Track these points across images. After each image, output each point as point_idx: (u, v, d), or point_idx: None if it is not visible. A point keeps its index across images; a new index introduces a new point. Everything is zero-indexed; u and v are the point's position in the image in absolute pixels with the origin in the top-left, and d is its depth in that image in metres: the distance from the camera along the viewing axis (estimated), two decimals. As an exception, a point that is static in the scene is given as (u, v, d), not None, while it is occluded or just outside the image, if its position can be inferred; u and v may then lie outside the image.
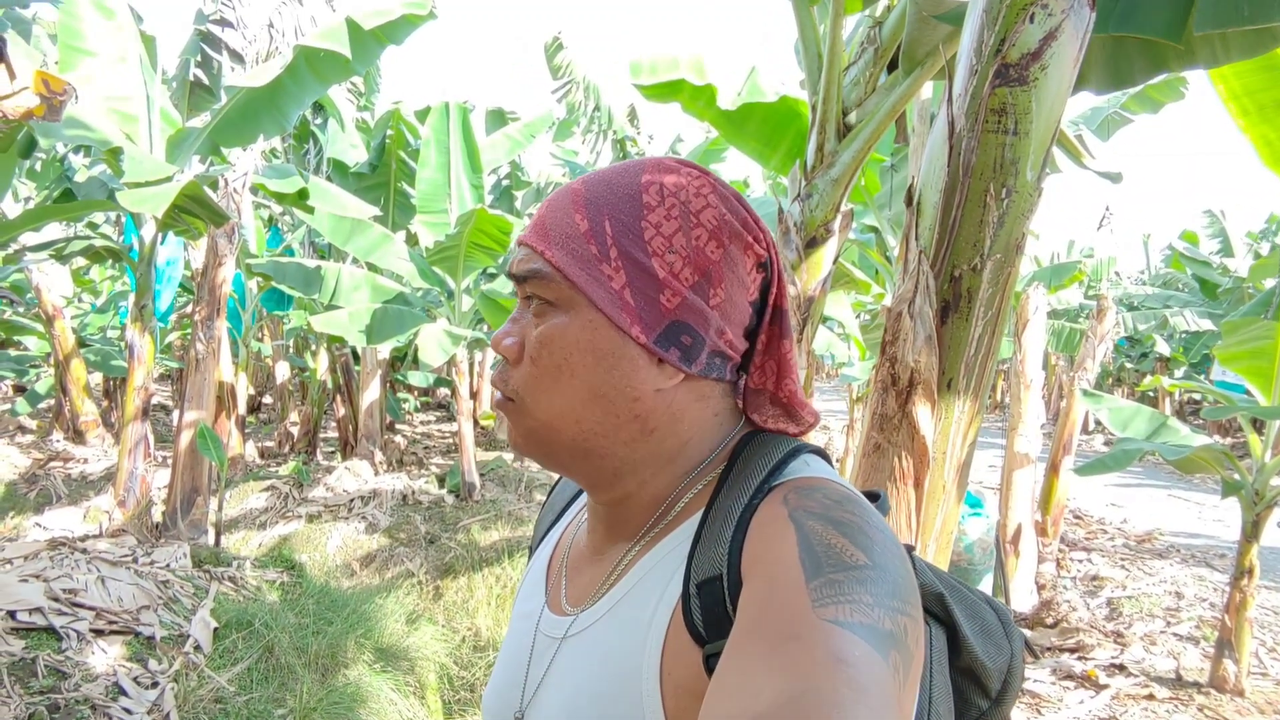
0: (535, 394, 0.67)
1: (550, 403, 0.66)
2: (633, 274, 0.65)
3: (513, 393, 0.69)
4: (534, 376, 0.67)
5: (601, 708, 0.63)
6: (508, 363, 0.70)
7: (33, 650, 3.23)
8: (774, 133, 4.08)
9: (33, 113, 2.98)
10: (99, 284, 14.10)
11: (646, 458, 0.68)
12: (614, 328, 0.65)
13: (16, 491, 7.88)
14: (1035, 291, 5.62)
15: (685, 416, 0.69)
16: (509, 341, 0.69)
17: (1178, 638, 4.97)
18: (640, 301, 0.65)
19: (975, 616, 0.73)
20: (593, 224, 0.66)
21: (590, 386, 0.65)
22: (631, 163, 0.70)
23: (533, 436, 0.69)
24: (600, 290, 0.65)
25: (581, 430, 0.66)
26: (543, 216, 0.69)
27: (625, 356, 0.65)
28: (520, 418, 0.69)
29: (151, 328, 5.66)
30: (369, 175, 8.95)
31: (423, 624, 5.55)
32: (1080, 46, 1.45)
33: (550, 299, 0.66)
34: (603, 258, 0.65)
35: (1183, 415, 17.83)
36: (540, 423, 0.68)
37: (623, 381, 0.65)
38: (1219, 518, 8.63)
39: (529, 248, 0.68)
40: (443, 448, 10.59)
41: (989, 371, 1.55)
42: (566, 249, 0.65)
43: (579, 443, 0.67)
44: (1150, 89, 4.97)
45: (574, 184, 0.70)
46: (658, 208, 0.66)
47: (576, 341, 0.65)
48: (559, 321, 0.66)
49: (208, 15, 6.29)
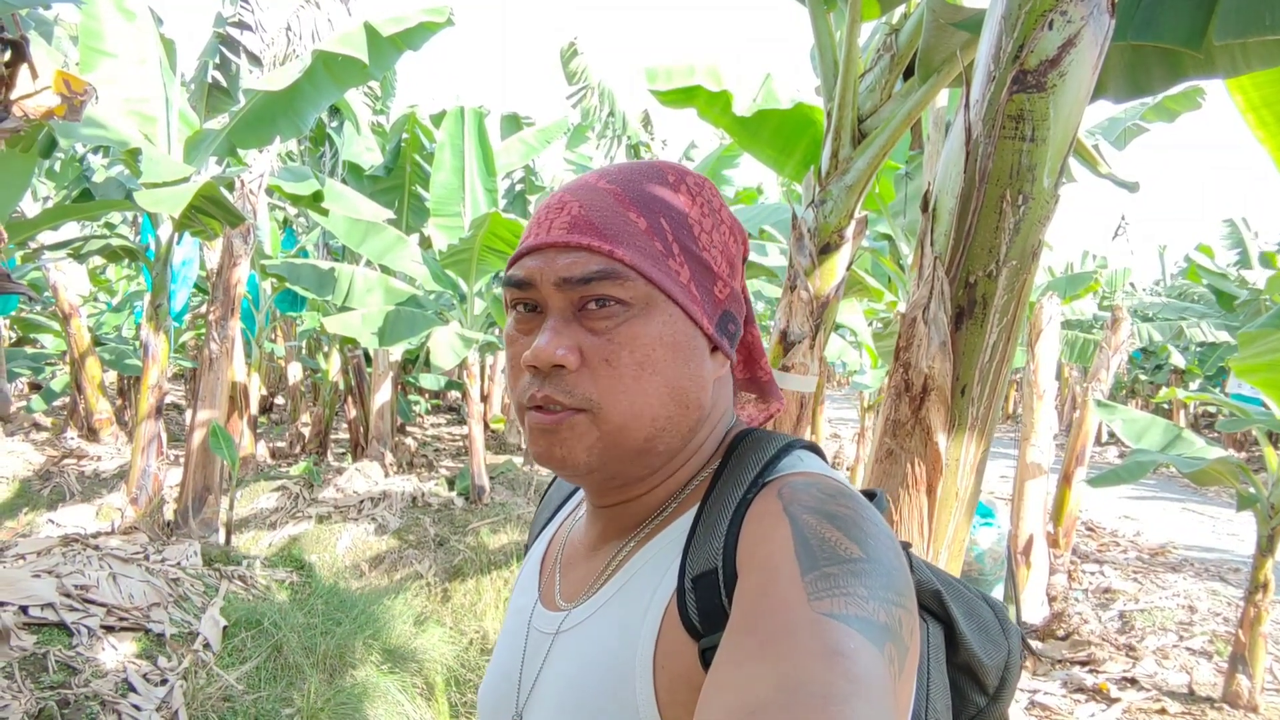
0: (615, 397, 0.64)
1: (630, 404, 0.64)
2: (694, 268, 0.68)
3: (583, 401, 0.64)
4: (612, 378, 0.64)
5: (595, 702, 0.63)
6: (562, 373, 0.64)
7: (44, 645, 3.25)
8: (789, 139, 4.08)
9: (53, 112, 3.01)
10: (115, 283, 14.23)
11: (686, 449, 0.70)
12: (688, 320, 0.67)
13: (31, 488, 7.94)
14: (1049, 301, 5.59)
15: (719, 406, 0.72)
16: (562, 352, 0.63)
17: (1191, 652, 4.92)
18: (702, 294, 0.68)
19: (972, 614, 0.73)
20: (650, 221, 0.66)
21: (669, 381, 0.65)
22: (644, 162, 0.71)
23: (601, 444, 0.65)
24: (674, 285, 0.66)
25: (655, 427, 0.66)
26: (582, 216, 0.66)
27: (696, 348, 0.67)
28: (589, 428, 0.65)
29: (166, 327, 5.70)
30: (384, 178, 9.00)
31: (431, 626, 5.55)
32: (1099, 53, 1.45)
33: (625, 298, 0.64)
34: (668, 253, 0.66)
35: (1198, 428, 17.69)
36: (616, 426, 0.65)
37: (695, 373, 0.67)
38: (1234, 531, 8.55)
39: (582, 249, 0.64)
40: (453, 450, 10.61)
41: (1003, 378, 1.54)
42: (634, 246, 0.65)
43: (648, 441, 0.66)
44: (1167, 99, 4.95)
45: (597, 183, 0.68)
46: (695, 205, 0.69)
47: (659, 337, 0.65)
48: (636, 319, 0.64)
49: (226, 18, 6.35)
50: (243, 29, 6.39)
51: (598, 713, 0.62)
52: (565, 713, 0.65)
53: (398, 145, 8.97)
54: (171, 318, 5.95)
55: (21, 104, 2.78)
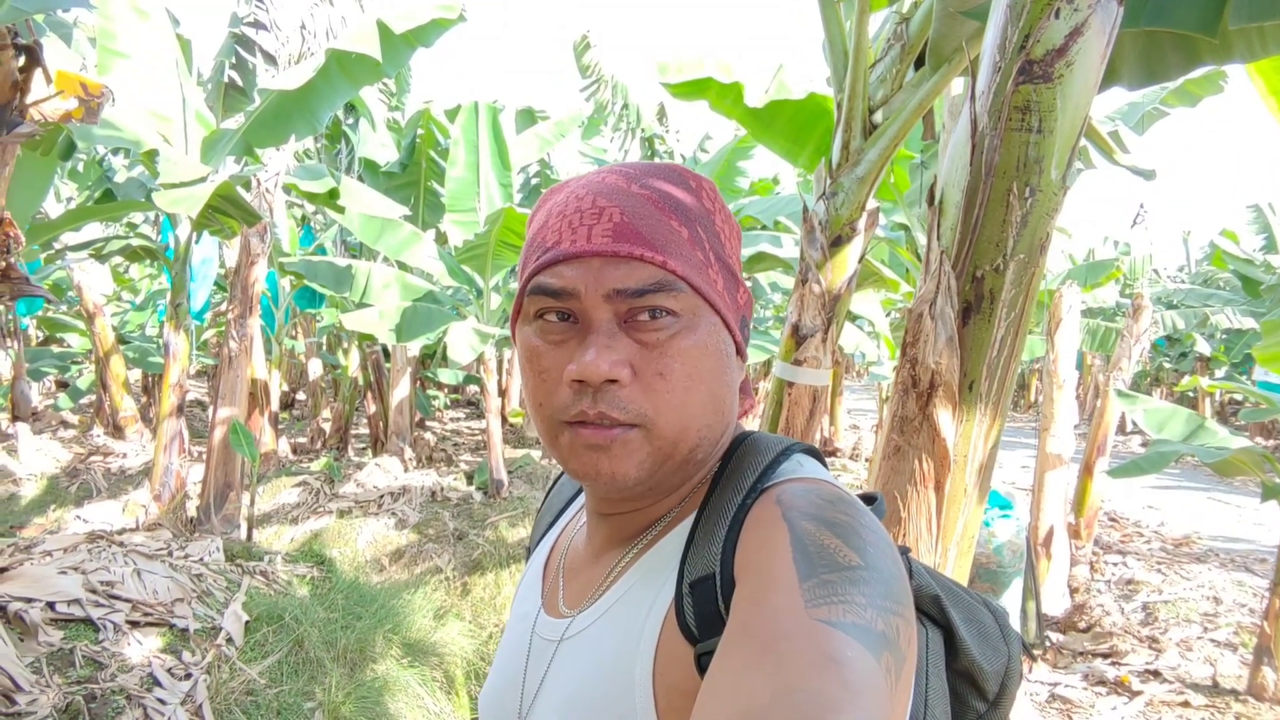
0: (669, 411, 0.63)
1: (682, 416, 0.64)
2: (725, 275, 0.69)
3: (638, 416, 0.62)
4: (665, 392, 0.63)
5: (596, 710, 0.63)
6: (614, 388, 0.62)
7: (71, 641, 3.31)
8: (802, 130, 4.05)
9: (71, 115, 3.05)
10: (138, 282, 14.42)
11: (711, 456, 0.70)
12: (725, 329, 0.68)
13: (58, 485, 8.08)
14: (1069, 290, 5.52)
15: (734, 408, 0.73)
16: (614, 366, 0.61)
17: (1215, 644, 4.86)
18: (731, 301, 0.69)
19: (972, 619, 0.73)
20: (690, 230, 0.66)
21: (712, 390, 0.66)
22: (657, 165, 0.70)
23: (654, 459, 0.64)
24: (716, 295, 0.66)
25: (700, 437, 0.65)
26: (627, 225, 0.63)
27: (729, 355, 0.68)
28: (643, 443, 0.63)
29: (187, 326, 5.77)
30: (399, 175, 9.04)
31: (450, 620, 5.59)
32: (1107, 42, 1.42)
33: (676, 310, 0.63)
34: (707, 263, 0.67)
35: (1224, 417, 17.43)
36: (667, 440, 0.64)
37: (730, 379, 0.68)
38: (1259, 521, 8.42)
39: (634, 260, 0.62)
40: (471, 445, 10.67)
41: (1011, 373, 1.52)
42: (682, 257, 0.64)
43: (693, 451, 0.66)
44: (1188, 83, 4.86)
45: (629, 187, 0.66)
46: (715, 212, 0.70)
47: (705, 348, 0.65)
48: (687, 330, 0.64)
49: (242, 18, 6.40)
50: (258, 28, 6.44)
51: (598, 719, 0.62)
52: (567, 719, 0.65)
53: (413, 141, 9.00)
54: (192, 316, 6.02)
55: (38, 108, 2.82)
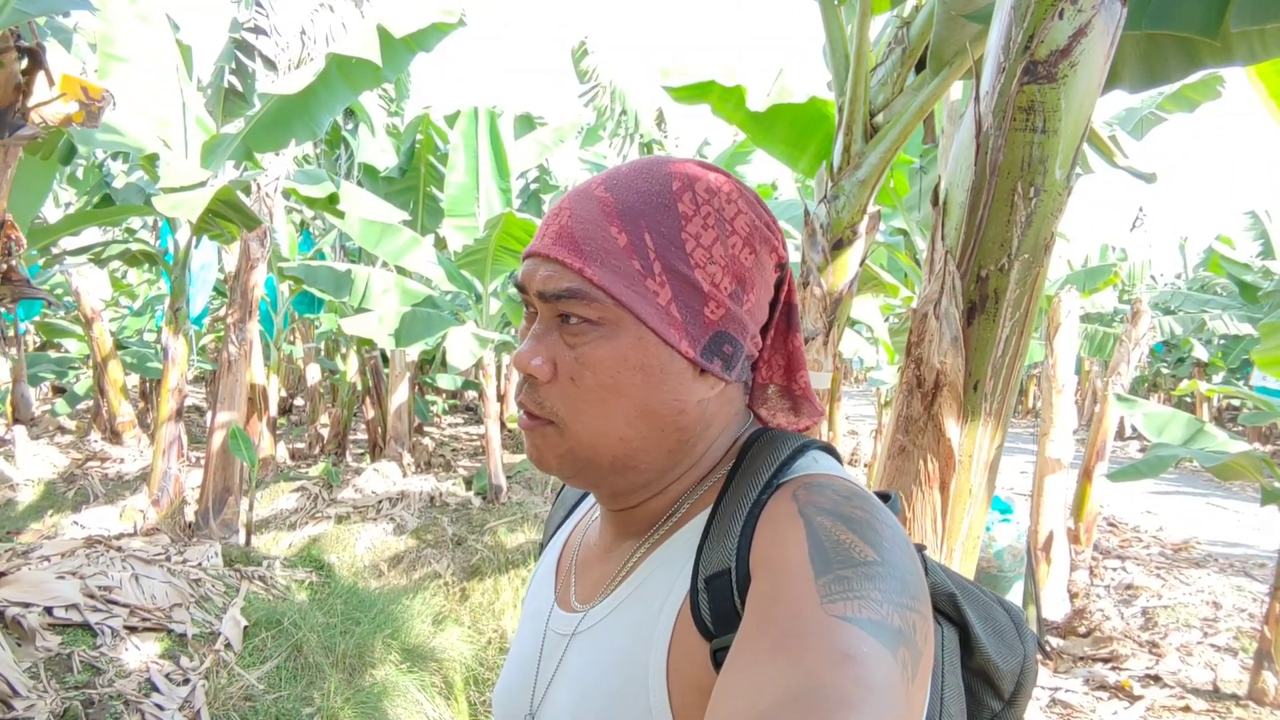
0: (578, 415, 0.64)
1: (594, 423, 0.64)
2: (677, 288, 0.64)
3: (550, 414, 0.65)
4: (575, 397, 0.64)
5: (609, 704, 0.63)
6: (536, 382, 0.66)
7: (69, 646, 3.30)
8: (803, 134, 4.05)
9: (71, 119, 3.05)
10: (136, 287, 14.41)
11: (679, 465, 0.68)
12: (662, 343, 0.63)
13: (55, 490, 8.05)
14: (1068, 295, 5.53)
15: (716, 421, 0.70)
16: (537, 362, 0.64)
17: (1215, 649, 4.85)
18: (686, 315, 0.64)
19: (988, 617, 0.72)
20: (631, 237, 0.63)
21: (637, 404, 0.64)
22: (653, 164, 0.67)
23: (570, 457, 0.66)
24: (648, 307, 0.63)
25: (626, 448, 0.65)
26: (567, 228, 0.65)
27: (672, 371, 0.64)
28: (558, 440, 0.66)
29: (186, 330, 5.76)
30: (399, 180, 9.05)
31: (449, 625, 5.58)
32: (1111, 43, 1.43)
33: (592, 318, 0.63)
34: (646, 273, 0.63)
35: (1221, 421, 17.46)
36: (581, 443, 0.65)
37: (669, 396, 0.64)
38: (1258, 526, 8.42)
39: (559, 264, 0.64)
40: (470, 450, 10.66)
41: (1016, 373, 1.52)
42: (607, 265, 0.62)
43: (621, 459, 0.66)
44: (1186, 88, 4.88)
45: (594, 190, 0.66)
46: (695, 216, 0.64)
47: (625, 360, 0.63)
48: (603, 340, 0.63)
49: (242, 23, 6.41)
50: (258, 33, 6.45)
51: (612, 714, 0.62)
52: (579, 714, 0.65)
53: (412, 147, 9.01)
54: (191, 321, 6.01)
55: (39, 111, 2.82)
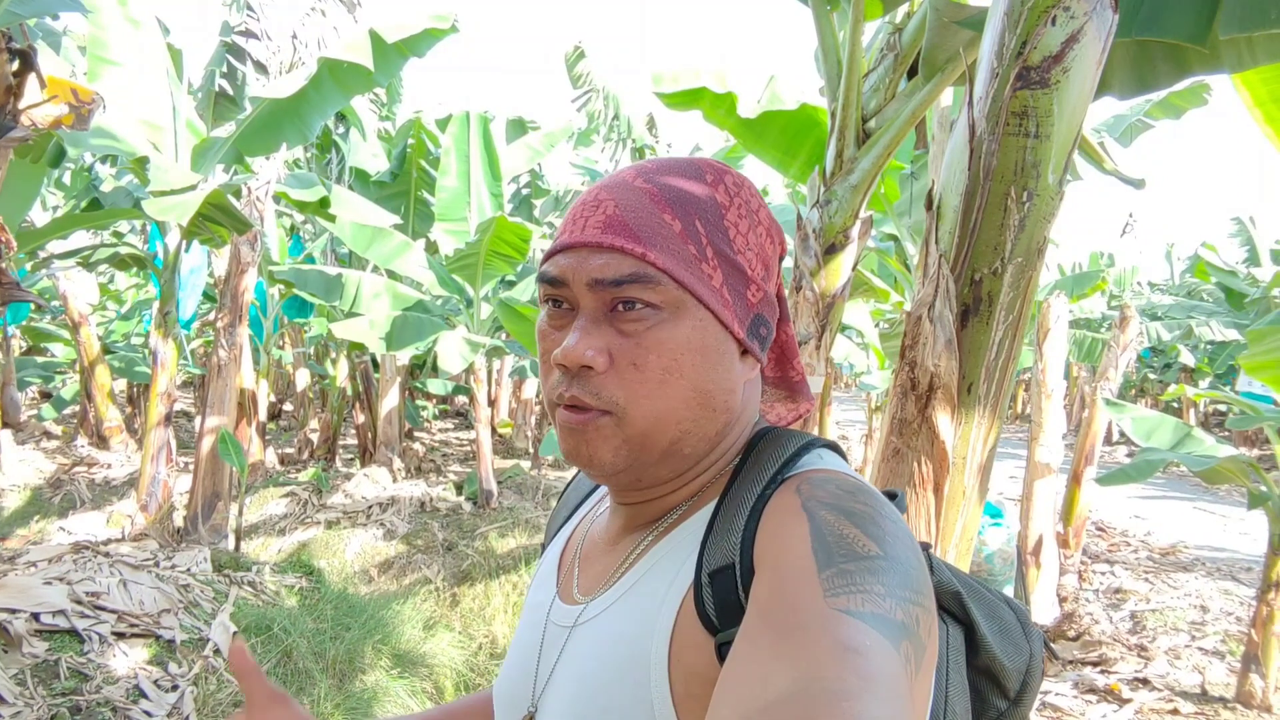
0: (641, 401, 0.64)
1: (655, 407, 0.64)
2: (727, 271, 0.67)
3: (609, 404, 0.64)
4: (638, 382, 0.64)
5: (609, 694, 0.63)
6: (589, 374, 0.64)
7: (56, 652, 3.27)
8: (794, 140, 4.08)
9: (61, 121, 3.04)
10: (124, 292, 14.29)
11: (714, 449, 0.69)
12: (719, 325, 0.66)
13: (41, 496, 7.97)
14: (1057, 300, 5.56)
15: (749, 405, 0.72)
16: (590, 353, 0.63)
17: (1203, 652, 4.88)
18: (734, 298, 0.67)
19: (993, 616, 0.72)
20: (684, 224, 0.65)
21: (695, 386, 0.65)
22: (680, 158, 0.70)
23: (627, 446, 0.65)
24: (707, 290, 0.65)
25: (680, 430, 0.65)
26: (617, 216, 0.65)
27: (725, 353, 0.67)
28: (614, 430, 0.65)
29: (175, 335, 5.72)
30: (390, 184, 9.04)
31: (439, 630, 5.56)
32: (1103, 49, 1.44)
33: (655, 302, 0.64)
34: (701, 257, 0.65)
35: (1208, 426, 17.58)
36: (640, 431, 0.65)
37: (723, 377, 0.66)
38: (1245, 530, 8.49)
39: (616, 251, 0.64)
40: (460, 455, 10.63)
41: (1010, 376, 1.54)
42: (667, 250, 0.64)
43: (673, 444, 0.66)
44: (1173, 95, 4.93)
45: (634, 181, 0.67)
46: (731, 206, 0.68)
47: (688, 342, 0.64)
48: (666, 323, 0.64)
49: (233, 27, 6.39)
50: (249, 37, 6.42)
51: (612, 705, 0.62)
52: (580, 705, 0.65)
53: (403, 151, 9.00)
54: (180, 325, 5.97)
55: (29, 113, 2.80)
